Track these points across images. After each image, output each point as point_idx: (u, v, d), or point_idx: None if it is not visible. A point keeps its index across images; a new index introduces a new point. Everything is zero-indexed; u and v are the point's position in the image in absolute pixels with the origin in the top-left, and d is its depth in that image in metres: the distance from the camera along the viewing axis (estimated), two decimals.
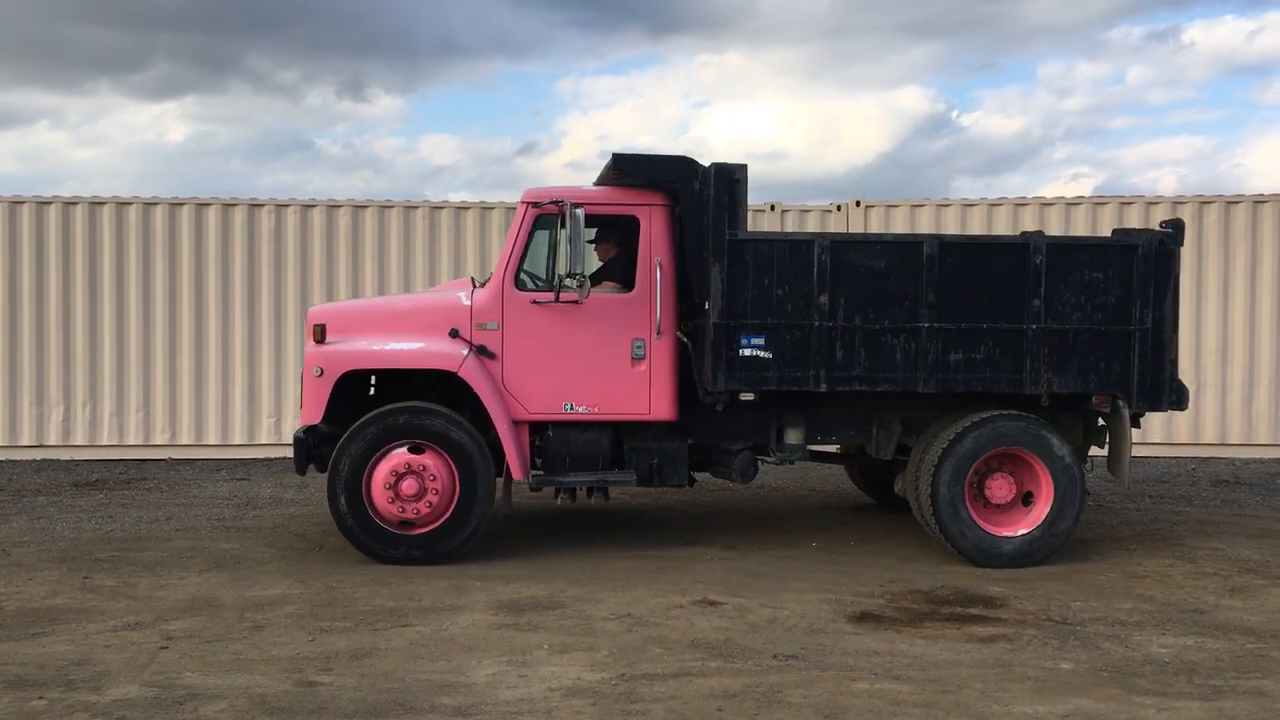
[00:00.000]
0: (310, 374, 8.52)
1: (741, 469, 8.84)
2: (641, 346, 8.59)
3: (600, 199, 8.71)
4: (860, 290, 8.37)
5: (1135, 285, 8.48)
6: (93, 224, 13.82)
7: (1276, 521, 10.27)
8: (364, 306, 9.83)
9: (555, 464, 8.60)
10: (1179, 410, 8.94)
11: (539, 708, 5.42)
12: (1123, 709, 5.44)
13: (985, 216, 14.12)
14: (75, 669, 6.00)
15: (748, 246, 8.38)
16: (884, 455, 8.91)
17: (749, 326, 8.35)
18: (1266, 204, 13.89)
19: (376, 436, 8.30)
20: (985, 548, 8.44)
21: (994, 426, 8.44)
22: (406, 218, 14.14)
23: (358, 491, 8.28)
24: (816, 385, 8.38)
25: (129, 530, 9.75)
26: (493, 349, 8.51)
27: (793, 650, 6.34)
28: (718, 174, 8.32)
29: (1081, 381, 8.53)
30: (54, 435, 13.76)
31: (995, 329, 8.43)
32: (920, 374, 8.41)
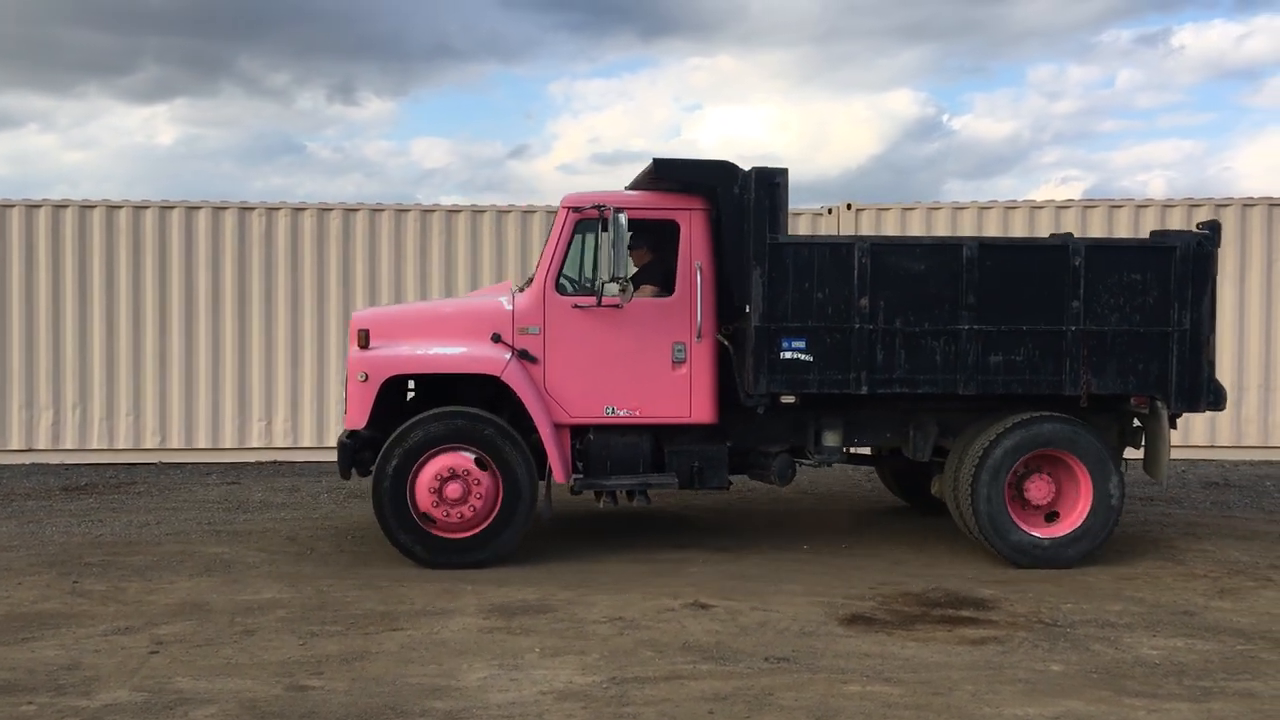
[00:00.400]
0: (354, 379, 8.53)
1: (780, 471, 8.88)
2: (682, 350, 8.63)
3: (641, 203, 8.75)
4: (900, 293, 8.42)
5: (1173, 286, 8.52)
6: (83, 227, 13.78)
7: (1265, 523, 10.31)
8: (407, 311, 9.86)
9: (596, 467, 8.64)
10: (1216, 411, 8.98)
11: (530, 711, 5.42)
12: (1113, 710, 5.46)
13: (976, 219, 14.16)
14: (65, 674, 5.98)
15: (788, 250, 8.41)
16: (921, 457, 8.95)
17: (790, 329, 8.39)
18: (1255, 207, 13.95)
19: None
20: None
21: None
22: (398, 221, 14.13)
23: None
24: (857, 388, 8.43)
25: (119, 534, 9.72)
26: (534, 353, 8.55)
27: (784, 653, 6.35)
28: (758, 178, 8.36)
29: (1120, 383, 8.57)
30: (43, 439, 13.71)
31: (1034, 331, 8.47)
32: (960, 376, 8.45)
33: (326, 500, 11.42)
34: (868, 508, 11.12)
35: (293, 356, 13.95)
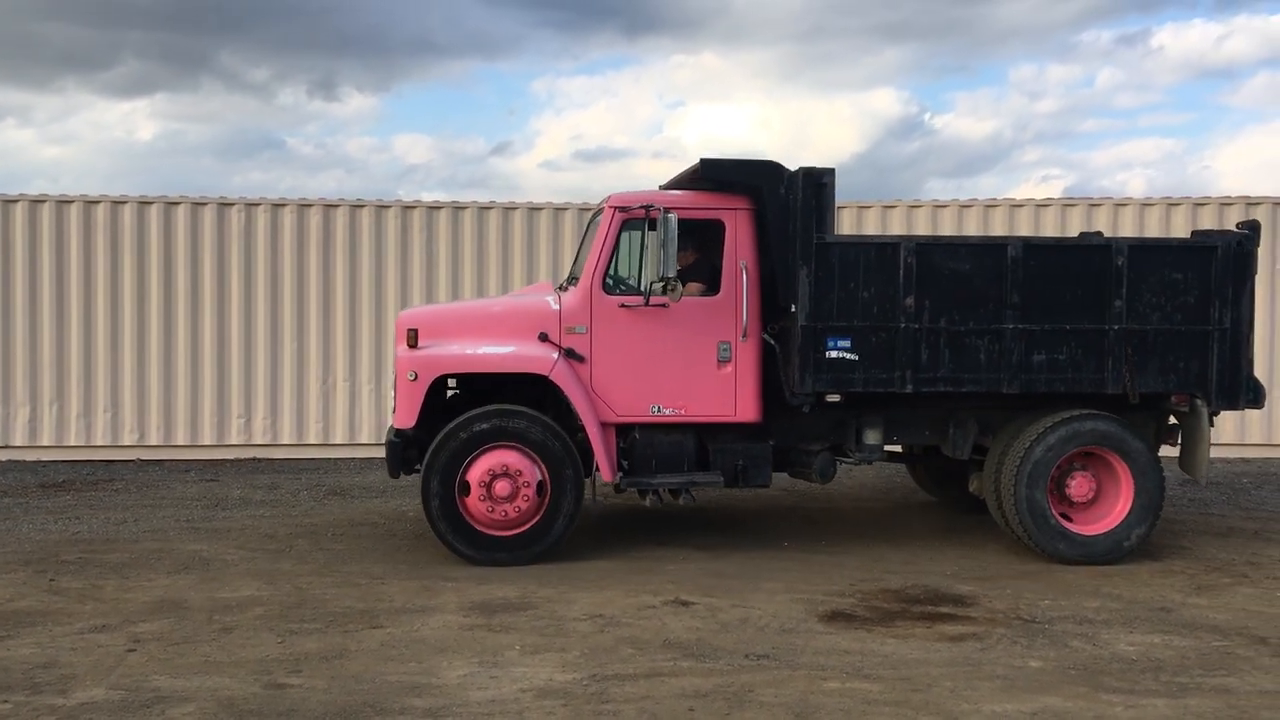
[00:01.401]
0: (404, 378, 8.52)
1: (821, 469, 8.93)
2: (727, 349, 8.65)
3: (687, 203, 8.75)
4: (945, 292, 8.46)
5: (1214, 285, 8.61)
6: (60, 223, 13.68)
7: (1242, 521, 10.38)
8: (454, 311, 9.85)
9: (641, 466, 8.67)
10: (1256, 409, 9.08)
11: (510, 709, 5.41)
12: (1090, 707, 5.49)
13: (956, 218, 14.21)
14: (41, 672, 5.94)
15: (835, 249, 8.45)
16: (960, 455, 9.00)
17: (835, 329, 8.43)
18: (1233, 206, 14.02)
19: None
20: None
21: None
22: (378, 217, 14.07)
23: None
24: (902, 386, 8.47)
25: (96, 532, 9.66)
26: (581, 352, 8.57)
27: (764, 650, 6.35)
28: (805, 178, 8.40)
29: (1161, 381, 8.65)
30: (20, 436, 13.61)
31: (1078, 329, 8.53)
32: (1004, 375, 8.50)
33: (306, 498, 11.37)
34: (848, 505, 11.14)
35: (272, 353, 13.89)
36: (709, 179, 8.76)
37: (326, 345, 13.95)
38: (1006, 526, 8.79)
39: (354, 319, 13.97)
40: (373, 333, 13.96)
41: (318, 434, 13.91)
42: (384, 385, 13.72)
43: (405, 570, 8.22)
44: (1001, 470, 8.63)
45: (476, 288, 14.03)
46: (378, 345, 13.93)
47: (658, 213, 8.25)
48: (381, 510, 10.67)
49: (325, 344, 13.95)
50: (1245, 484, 12.39)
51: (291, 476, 12.61)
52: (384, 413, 13.73)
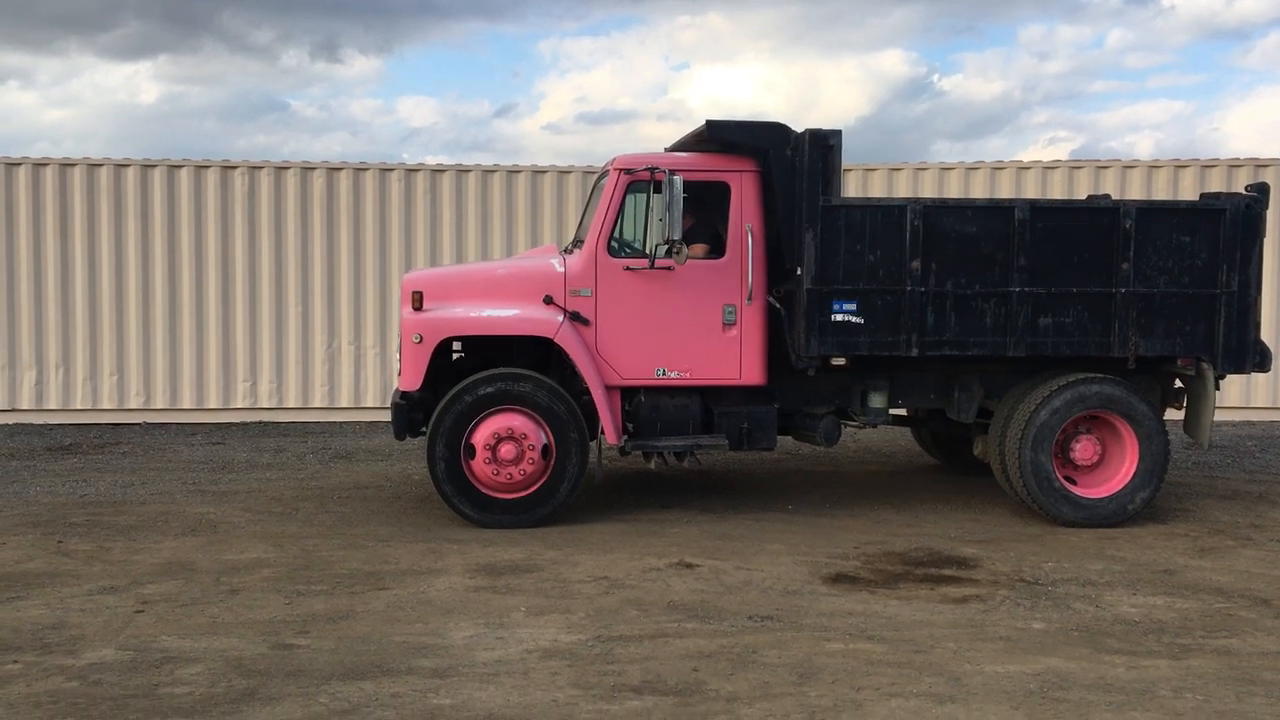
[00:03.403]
0: (409, 340, 8.54)
1: (826, 433, 8.93)
2: (733, 312, 8.64)
3: (692, 165, 8.71)
4: (951, 255, 8.43)
5: (1222, 248, 8.56)
6: (63, 186, 13.65)
7: (1245, 483, 10.40)
8: (459, 273, 9.81)
9: (646, 429, 8.67)
10: (1262, 372, 9.04)
11: (516, 669, 5.45)
12: (1093, 668, 5.52)
13: (963, 180, 14.13)
14: (50, 633, 5.99)
15: (841, 212, 8.41)
16: (965, 418, 9.01)
17: (841, 292, 8.40)
18: (1241, 168, 13.94)
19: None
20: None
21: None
22: (382, 180, 14.03)
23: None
24: (908, 350, 8.45)
25: (103, 494, 9.71)
26: (586, 315, 8.57)
27: (768, 611, 6.39)
28: (812, 140, 8.34)
29: (1168, 344, 8.62)
30: (27, 399, 13.65)
31: (1085, 293, 8.50)
32: (1010, 338, 8.48)
33: (312, 461, 11.41)
34: (852, 468, 11.16)
35: (277, 317, 13.89)
36: (715, 140, 8.71)
37: (331, 309, 13.94)
38: (1010, 490, 8.81)
39: (358, 282, 13.95)
40: (377, 296, 13.95)
41: (323, 397, 13.93)
42: (389, 349, 13.73)
43: (411, 533, 8.26)
44: (1006, 434, 8.63)
45: (481, 251, 14.00)
46: (382, 308, 13.93)
47: (663, 175, 8.23)
48: (387, 473, 10.71)
49: (330, 307, 13.94)
50: (1250, 447, 12.39)
51: (297, 440, 12.65)
52: (389, 376, 13.76)
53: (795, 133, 8.45)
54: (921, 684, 5.28)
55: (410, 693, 5.15)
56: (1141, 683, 5.32)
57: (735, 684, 5.27)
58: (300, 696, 5.10)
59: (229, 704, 5.02)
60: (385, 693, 5.15)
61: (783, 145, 8.42)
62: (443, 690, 5.18)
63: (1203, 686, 5.29)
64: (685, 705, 5.02)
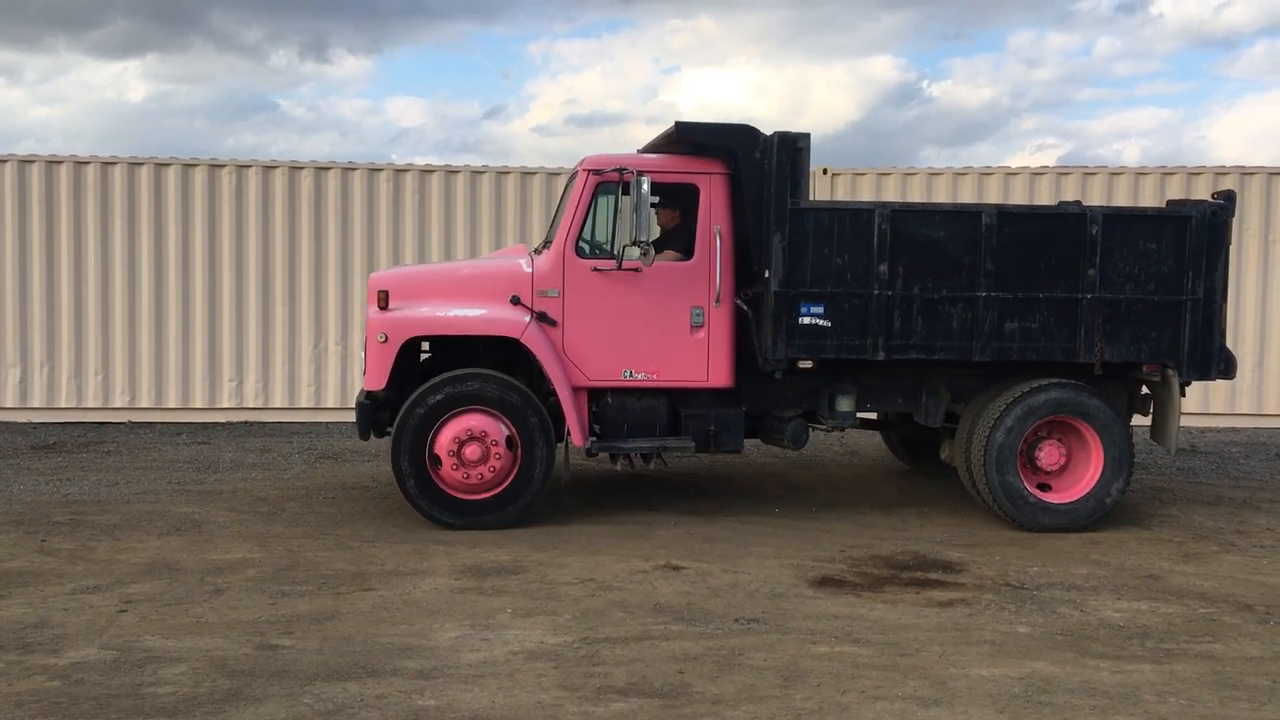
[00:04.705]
0: (374, 340, 8.49)
1: (794, 436, 8.92)
2: (700, 314, 8.63)
3: (661, 167, 8.69)
4: (919, 259, 8.42)
5: (1188, 255, 8.56)
6: (50, 183, 13.59)
7: (1230, 489, 10.44)
8: (426, 273, 9.78)
9: (613, 430, 8.65)
10: (1227, 379, 9.04)
11: (502, 670, 5.44)
12: (1077, 671, 5.53)
13: (951, 186, 14.17)
14: (33, 632, 5.95)
15: (809, 215, 8.40)
16: (932, 423, 9.00)
17: (809, 295, 8.40)
18: (1228, 175, 14.00)
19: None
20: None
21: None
22: (370, 181, 13.99)
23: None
24: (875, 354, 8.44)
25: (88, 493, 9.66)
26: (553, 316, 8.54)
27: (754, 614, 6.39)
28: (780, 142, 8.33)
29: (1134, 350, 8.63)
30: (10, 397, 13.57)
31: (1051, 298, 8.50)
32: (976, 343, 8.48)
33: (297, 461, 11.37)
34: (838, 471, 11.18)
35: (264, 316, 13.85)
36: (684, 142, 8.69)
37: (318, 308, 13.90)
38: (976, 494, 8.82)
39: (346, 282, 13.92)
40: (364, 296, 13.87)
41: (309, 398, 13.88)
42: None
43: (397, 534, 8.24)
44: (972, 438, 8.64)
45: (469, 252, 13.99)
46: None
47: (631, 176, 8.20)
48: (373, 474, 10.68)
49: (317, 307, 13.90)
50: (1234, 453, 12.45)
51: (283, 440, 12.61)
52: None
53: (764, 135, 8.43)
54: (907, 687, 5.29)
55: (395, 694, 5.13)
56: (1125, 687, 5.34)
57: (721, 686, 5.26)
58: (284, 697, 5.08)
59: (212, 704, 5.00)
60: (370, 694, 5.13)
61: (751, 148, 8.41)
62: (428, 691, 5.17)
63: (1186, 691, 5.31)
64: (671, 707, 5.01)
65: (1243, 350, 13.99)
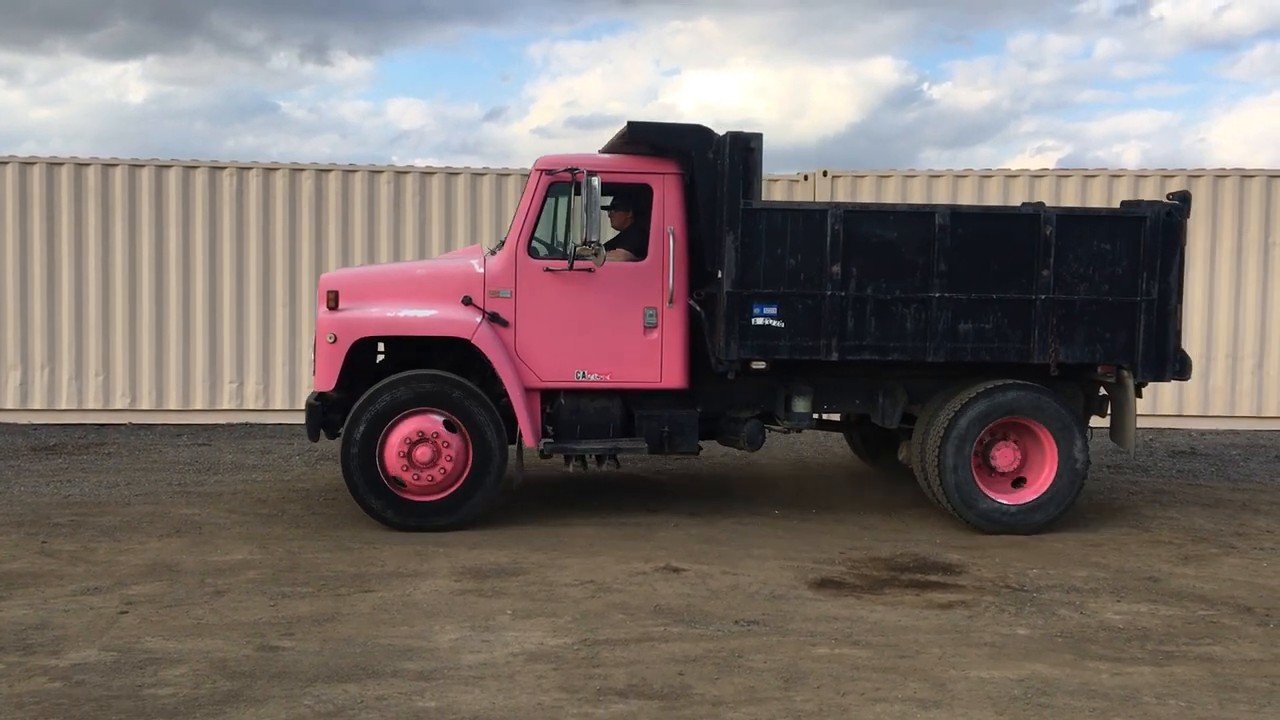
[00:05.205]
0: (323, 340, 8.47)
1: (750, 437, 8.90)
2: (653, 315, 8.61)
3: (615, 167, 8.69)
4: (872, 260, 8.41)
5: (1142, 256, 8.54)
6: (50, 185, 13.59)
7: (1230, 492, 10.44)
8: (377, 273, 9.76)
9: (566, 431, 8.62)
10: (1182, 380, 9.03)
11: (502, 672, 5.44)
12: (1077, 674, 5.54)
13: (951, 188, 14.18)
14: (33, 633, 5.96)
15: (761, 216, 8.38)
16: (889, 424, 8.98)
17: (762, 295, 8.38)
18: (1227, 178, 14.02)
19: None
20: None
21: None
22: (371, 182, 14.01)
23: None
24: (828, 354, 8.43)
25: (88, 495, 9.67)
26: (505, 316, 8.51)
27: (754, 616, 6.39)
28: (733, 143, 8.32)
29: (1088, 351, 8.61)
30: (11, 399, 13.58)
31: (1005, 299, 8.48)
32: (930, 344, 8.46)
33: (298, 462, 11.38)
34: (838, 473, 11.18)
35: (264, 318, 13.85)
36: (639, 142, 8.67)
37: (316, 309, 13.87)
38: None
39: None
40: None
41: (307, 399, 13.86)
42: None
43: (397, 535, 8.24)
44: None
45: None
46: None
47: (582, 175, 8.17)
48: None
49: (317, 309, 13.86)
50: (1234, 456, 12.45)
51: (284, 441, 12.61)
52: None
53: (717, 135, 8.41)
54: (907, 689, 5.29)
55: (395, 695, 5.14)
56: (1125, 689, 5.34)
57: (721, 688, 5.27)
58: (285, 698, 5.09)
59: (213, 705, 5.00)
60: (370, 695, 5.13)
61: (704, 148, 8.38)
62: (428, 693, 5.18)
63: (1186, 693, 5.31)
64: (670, 709, 5.02)
65: (1242, 353, 14.03)
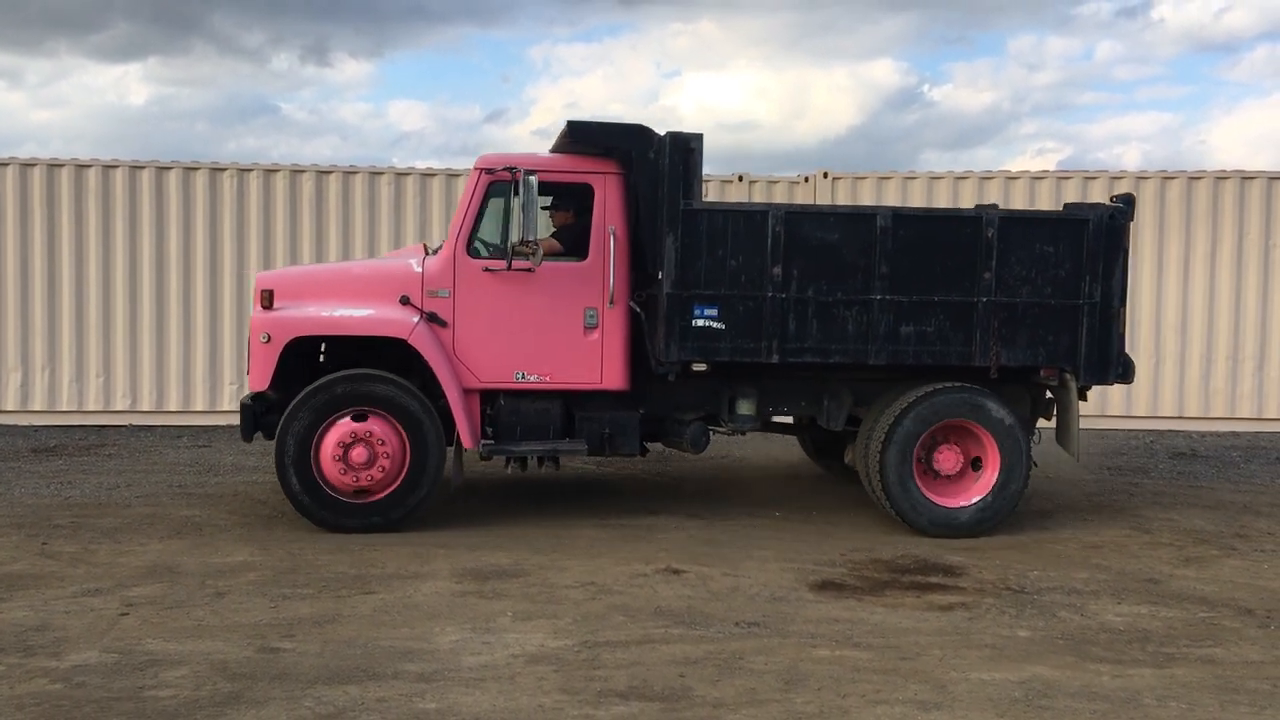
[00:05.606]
0: (257, 340, 8.37)
1: (693, 439, 8.84)
2: (594, 316, 8.55)
3: (554, 166, 8.63)
4: (813, 262, 8.35)
5: (1085, 259, 8.50)
6: (51, 187, 13.60)
7: (1231, 493, 10.44)
8: (313, 272, 9.68)
9: (506, 433, 8.55)
10: (1125, 383, 9.00)
11: (502, 674, 5.44)
12: (1077, 676, 5.54)
13: (951, 189, 14.18)
14: (34, 635, 5.96)
15: (702, 216, 8.33)
16: (834, 426, 8.95)
17: (702, 297, 8.31)
18: (1228, 180, 14.03)
19: (324, 404, 8.22)
20: (933, 518, 8.51)
21: (939, 399, 8.49)
22: (371, 184, 14.01)
23: (306, 460, 8.22)
24: (769, 356, 8.38)
25: (89, 496, 9.67)
26: (444, 317, 8.44)
27: (755, 618, 6.39)
28: (673, 143, 8.26)
29: (1030, 354, 8.57)
30: (12, 400, 13.58)
31: (946, 302, 8.44)
32: (871, 346, 8.41)
33: None
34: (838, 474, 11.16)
35: None
36: (581, 142, 8.62)
37: None
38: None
39: None
40: None
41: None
42: None
43: (397, 537, 8.24)
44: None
45: None
46: None
47: (520, 174, 8.11)
48: None
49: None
50: (1235, 457, 12.45)
51: None
52: None
53: (657, 135, 8.38)
54: (907, 691, 5.29)
55: (396, 697, 5.14)
56: (1126, 691, 5.34)
57: (721, 690, 5.27)
58: (285, 700, 5.09)
59: (214, 707, 5.00)
60: (371, 697, 5.13)
61: (645, 148, 8.33)
62: (428, 695, 5.17)
63: (1186, 695, 5.31)
64: (671, 711, 5.02)
65: (1243, 354, 14.04)
